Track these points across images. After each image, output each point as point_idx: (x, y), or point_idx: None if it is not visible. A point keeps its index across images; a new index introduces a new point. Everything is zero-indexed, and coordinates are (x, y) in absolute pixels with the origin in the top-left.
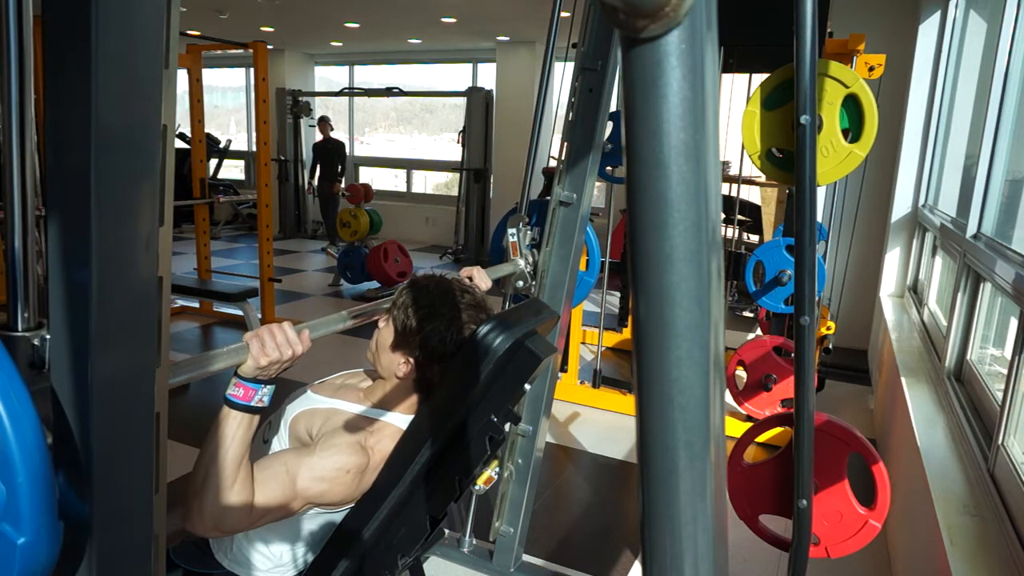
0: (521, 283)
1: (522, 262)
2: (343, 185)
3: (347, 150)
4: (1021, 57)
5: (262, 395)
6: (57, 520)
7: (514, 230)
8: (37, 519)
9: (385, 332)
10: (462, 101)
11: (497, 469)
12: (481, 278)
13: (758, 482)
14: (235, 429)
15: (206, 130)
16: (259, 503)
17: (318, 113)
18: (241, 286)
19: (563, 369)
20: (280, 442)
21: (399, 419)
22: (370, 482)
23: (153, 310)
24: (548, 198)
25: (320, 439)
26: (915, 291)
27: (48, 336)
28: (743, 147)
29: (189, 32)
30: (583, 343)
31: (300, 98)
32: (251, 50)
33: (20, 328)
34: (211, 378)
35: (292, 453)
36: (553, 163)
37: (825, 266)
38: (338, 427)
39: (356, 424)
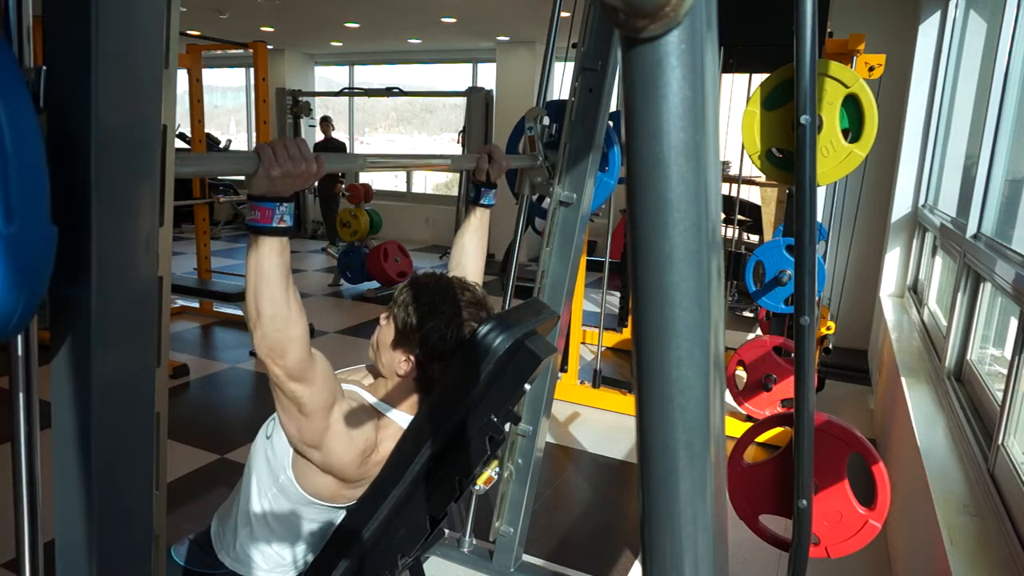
0: (540, 178)
1: (541, 157)
2: (344, 185)
3: (348, 150)
4: (1021, 57)
5: (281, 213)
6: (49, 224)
7: (532, 123)
8: (26, 211)
9: (386, 330)
10: (462, 101)
11: (497, 469)
12: (501, 155)
13: (758, 482)
14: (268, 254)
15: (206, 130)
16: (316, 372)
17: (318, 113)
18: (241, 286)
19: (563, 369)
20: (282, 436)
21: (401, 418)
22: (368, 475)
23: (153, 310)
24: (565, 100)
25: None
26: (915, 291)
27: (45, 68)
28: (743, 147)
29: (189, 32)
30: (583, 343)
31: (300, 98)
32: (251, 50)
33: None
34: (211, 377)
35: (339, 386)
36: None
37: (825, 266)
38: (357, 404)
39: (370, 411)
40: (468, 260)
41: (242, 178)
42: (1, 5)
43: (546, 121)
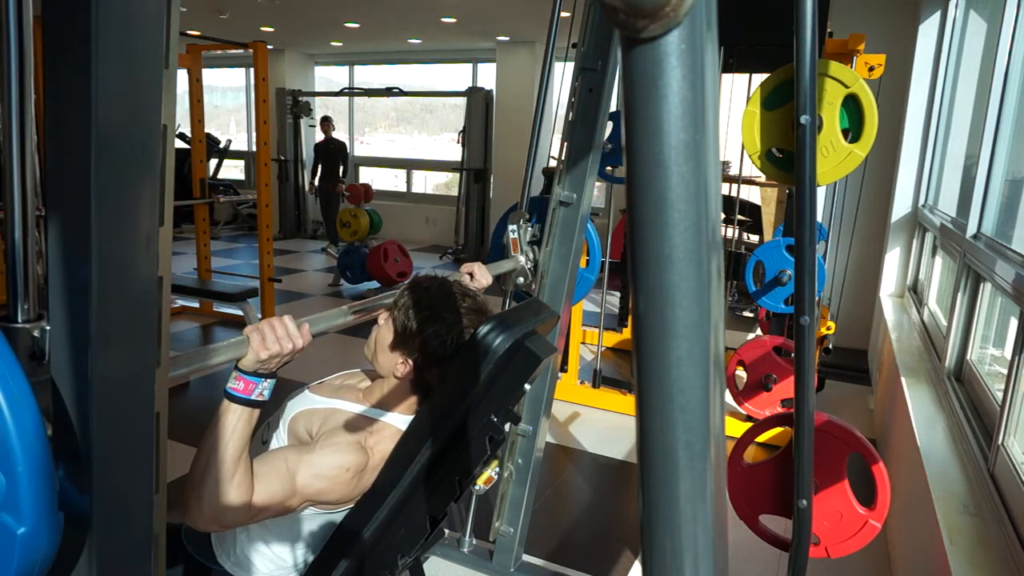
0: (522, 280)
1: (523, 258)
2: (344, 185)
3: (348, 150)
4: (1021, 57)
5: (262, 389)
6: (57, 511)
7: (515, 226)
8: (37, 509)
9: (384, 331)
10: (462, 101)
11: (497, 469)
12: (482, 274)
13: (758, 482)
14: (235, 423)
15: (206, 130)
16: (258, 498)
17: (318, 113)
18: (241, 286)
19: (563, 369)
20: (279, 442)
21: (398, 419)
22: (369, 482)
23: (153, 310)
24: (548, 195)
25: (320, 438)
26: (915, 291)
27: (48, 327)
28: (743, 147)
29: (189, 32)
30: (583, 343)
31: (300, 98)
32: (251, 50)
33: (20, 320)
34: (211, 377)
35: (293, 450)
36: (553, 163)
37: (825, 266)
38: (338, 426)
39: (356, 424)
40: None
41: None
42: (1, 6)
43: (529, 220)
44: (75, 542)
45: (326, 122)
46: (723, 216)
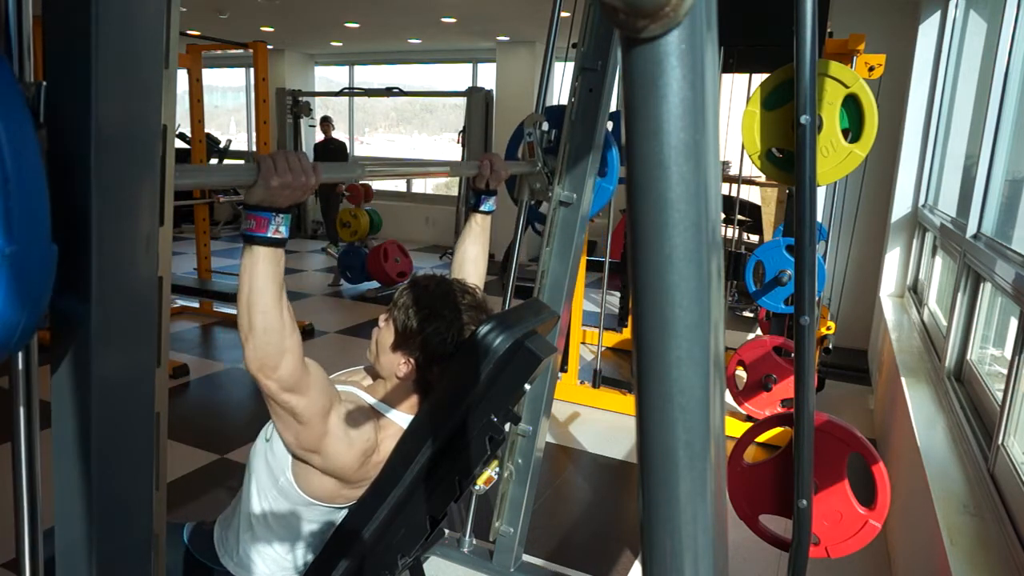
0: (539, 184)
1: (539, 163)
2: (344, 186)
3: (347, 150)
4: (1021, 57)
5: (277, 224)
6: (50, 242)
7: (531, 129)
8: (27, 231)
9: (385, 332)
10: (462, 101)
11: (497, 469)
12: (501, 163)
13: (758, 482)
14: (261, 265)
15: (206, 130)
16: (310, 381)
17: (318, 113)
18: None
19: (563, 369)
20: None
21: (401, 418)
22: (369, 475)
23: (153, 310)
24: (564, 104)
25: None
26: (915, 291)
27: (45, 83)
28: (743, 147)
29: (189, 32)
30: (583, 343)
31: (300, 98)
32: (251, 50)
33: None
34: (211, 377)
35: (335, 391)
36: None
37: (825, 266)
38: (356, 405)
39: (368, 412)
40: (469, 266)
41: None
42: (1, 7)
43: (545, 127)
44: (68, 336)
45: (326, 122)
46: (723, 216)
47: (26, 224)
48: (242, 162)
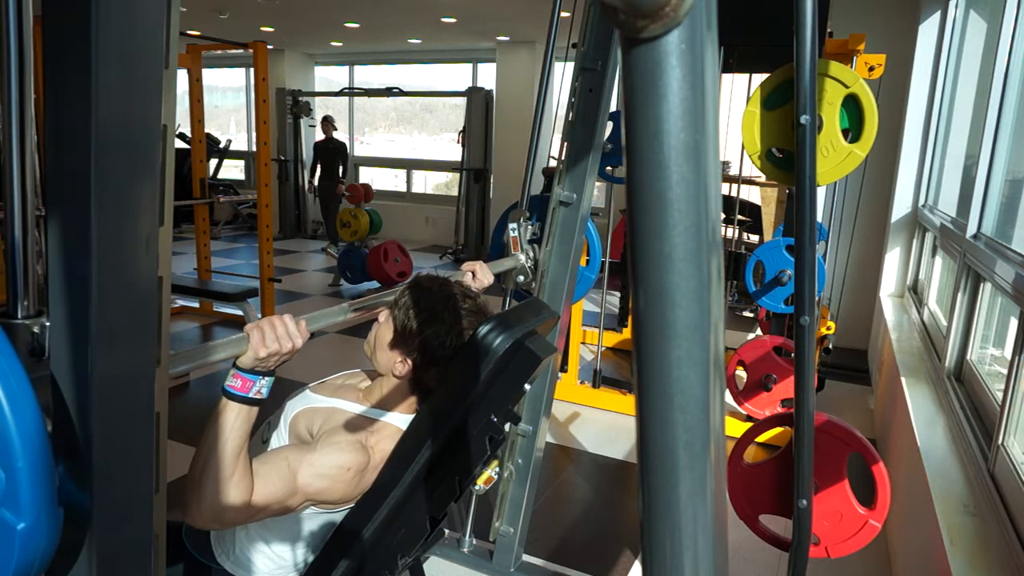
0: (522, 278)
1: (523, 257)
2: (344, 185)
3: (348, 150)
4: (1021, 57)
5: (260, 387)
6: (57, 507)
7: (515, 225)
8: (37, 505)
9: (384, 329)
10: (462, 101)
11: (497, 469)
12: (483, 272)
13: (758, 482)
14: (233, 420)
15: (206, 130)
16: (258, 497)
17: (318, 113)
18: (241, 286)
19: (563, 369)
20: (280, 441)
21: (399, 419)
22: (369, 482)
23: (153, 310)
24: (548, 194)
25: (321, 436)
26: (915, 291)
27: (48, 323)
28: (743, 147)
29: (189, 32)
30: (583, 343)
31: (300, 98)
32: (251, 50)
33: (20, 316)
34: (211, 377)
35: (294, 449)
36: (553, 163)
37: (825, 266)
38: (339, 425)
39: (357, 423)
40: None
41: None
42: (1, 5)
43: (530, 217)
44: (75, 538)
45: (327, 122)
46: (723, 216)
47: (34, 497)
48: (233, 337)
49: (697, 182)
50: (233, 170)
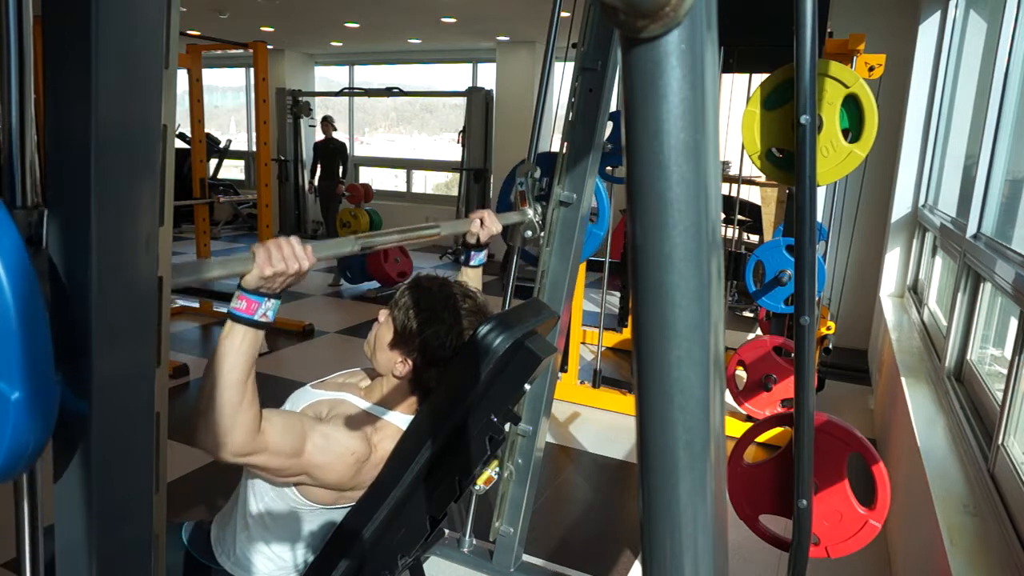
0: (530, 232)
1: (531, 212)
2: (344, 185)
3: (348, 150)
4: (1021, 57)
5: (266, 309)
6: (54, 383)
7: (523, 179)
8: (32, 375)
9: (384, 329)
10: (462, 101)
11: (497, 469)
12: (491, 220)
13: (758, 482)
14: (240, 343)
15: (206, 130)
16: (265, 438)
17: (318, 113)
18: None
19: (563, 369)
20: None
21: (399, 419)
22: (365, 478)
23: (153, 310)
24: (555, 152)
25: (332, 418)
26: (915, 291)
27: (46, 210)
28: (743, 147)
29: (189, 32)
30: (583, 343)
31: (300, 98)
32: (251, 50)
33: (19, 205)
34: None
35: (308, 417)
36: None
37: (825, 266)
38: (347, 414)
39: (361, 418)
40: None
41: (242, 178)
42: (1, 5)
43: (537, 174)
44: (71, 436)
45: (327, 122)
46: (723, 216)
47: (30, 367)
48: (238, 255)
49: (697, 182)
50: (233, 170)
